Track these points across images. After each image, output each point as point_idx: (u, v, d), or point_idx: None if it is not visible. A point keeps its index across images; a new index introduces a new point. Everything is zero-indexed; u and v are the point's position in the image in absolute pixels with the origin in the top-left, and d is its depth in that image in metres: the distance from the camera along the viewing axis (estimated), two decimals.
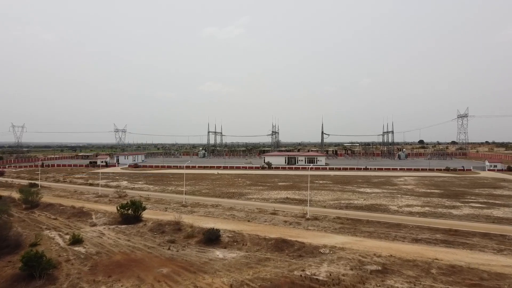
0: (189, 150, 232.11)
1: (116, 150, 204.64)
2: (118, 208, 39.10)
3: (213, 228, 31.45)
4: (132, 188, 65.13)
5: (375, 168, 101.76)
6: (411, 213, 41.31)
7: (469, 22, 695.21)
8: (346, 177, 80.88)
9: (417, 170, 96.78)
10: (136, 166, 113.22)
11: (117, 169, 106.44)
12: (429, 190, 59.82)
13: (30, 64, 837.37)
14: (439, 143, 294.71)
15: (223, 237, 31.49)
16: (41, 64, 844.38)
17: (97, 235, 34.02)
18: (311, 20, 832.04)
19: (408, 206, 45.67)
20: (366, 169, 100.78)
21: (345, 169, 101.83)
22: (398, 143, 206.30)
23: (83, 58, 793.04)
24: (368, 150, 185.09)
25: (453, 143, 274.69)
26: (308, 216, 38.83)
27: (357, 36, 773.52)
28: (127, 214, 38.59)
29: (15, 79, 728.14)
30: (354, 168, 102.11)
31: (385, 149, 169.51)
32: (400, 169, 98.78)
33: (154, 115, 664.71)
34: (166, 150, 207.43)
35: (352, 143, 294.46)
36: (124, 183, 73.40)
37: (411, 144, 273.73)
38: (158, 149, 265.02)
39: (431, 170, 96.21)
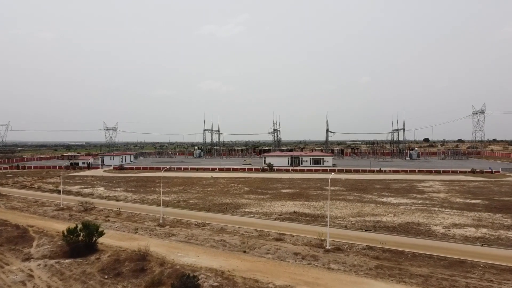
0: (183, 149, 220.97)
1: (111, 149, 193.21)
2: (65, 234, 28.14)
3: (189, 275, 20.41)
4: (106, 197, 54.05)
5: (390, 170, 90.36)
6: (466, 239, 30.24)
7: (469, 20, 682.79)
8: (361, 182, 69.56)
9: (438, 172, 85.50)
10: (121, 168, 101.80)
11: (99, 172, 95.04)
12: (468, 200, 48.66)
13: (30, 64, 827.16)
14: (445, 142, 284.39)
15: (205, 286, 20.58)
16: (40, 64, 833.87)
17: (22, 278, 23.03)
18: (310, 18, 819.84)
19: (456, 226, 34.54)
20: (380, 171, 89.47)
21: (356, 171, 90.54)
22: (404, 142, 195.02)
23: (83, 57, 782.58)
24: (376, 149, 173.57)
25: (460, 141, 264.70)
26: (327, 246, 27.78)
27: (357, 35, 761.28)
28: (76, 242, 27.64)
29: (15, 78, 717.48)
30: (366, 170, 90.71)
31: (395, 148, 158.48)
32: (419, 171, 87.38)
33: (153, 114, 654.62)
34: (159, 150, 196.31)
35: (355, 141, 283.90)
36: (100, 190, 62.20)
37: (417, 143, 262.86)
38: (156, 148, 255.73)
39: (454, 172, 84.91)
